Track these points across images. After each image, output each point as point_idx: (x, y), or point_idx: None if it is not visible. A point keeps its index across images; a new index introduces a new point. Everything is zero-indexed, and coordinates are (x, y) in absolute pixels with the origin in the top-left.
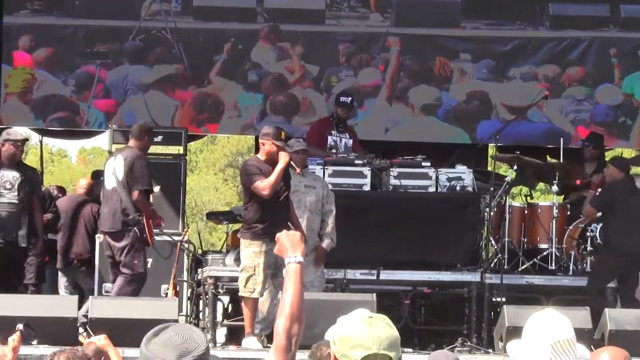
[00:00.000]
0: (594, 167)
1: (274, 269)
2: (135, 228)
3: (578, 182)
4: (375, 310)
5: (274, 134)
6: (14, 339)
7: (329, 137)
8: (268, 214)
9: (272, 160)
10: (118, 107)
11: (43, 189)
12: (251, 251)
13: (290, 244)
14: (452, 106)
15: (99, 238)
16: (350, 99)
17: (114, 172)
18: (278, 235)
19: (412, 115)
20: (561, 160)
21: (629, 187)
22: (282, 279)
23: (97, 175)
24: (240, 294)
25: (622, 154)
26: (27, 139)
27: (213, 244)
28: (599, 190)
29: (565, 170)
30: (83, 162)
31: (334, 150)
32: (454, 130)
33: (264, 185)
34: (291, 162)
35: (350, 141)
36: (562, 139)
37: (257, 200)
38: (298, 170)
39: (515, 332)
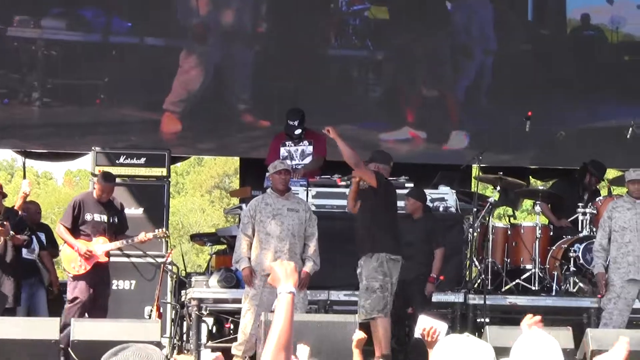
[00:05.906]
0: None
1: None
2: None
3: None
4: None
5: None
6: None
7: (282, 149)
8: None
9: None
10: None
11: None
12: None
13: (283, 274)
14: None
15: None
16: (297, 121)
17: None
18: (272, 264)
19: None
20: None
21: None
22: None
23: None
24: None
25: None
26: None
27: (200, 265)
28: None
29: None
30: (69, 184)
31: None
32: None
33: None
34: (274, 185)
35: (310, 148)
36: None
37: None
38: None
39: (498, 352)
